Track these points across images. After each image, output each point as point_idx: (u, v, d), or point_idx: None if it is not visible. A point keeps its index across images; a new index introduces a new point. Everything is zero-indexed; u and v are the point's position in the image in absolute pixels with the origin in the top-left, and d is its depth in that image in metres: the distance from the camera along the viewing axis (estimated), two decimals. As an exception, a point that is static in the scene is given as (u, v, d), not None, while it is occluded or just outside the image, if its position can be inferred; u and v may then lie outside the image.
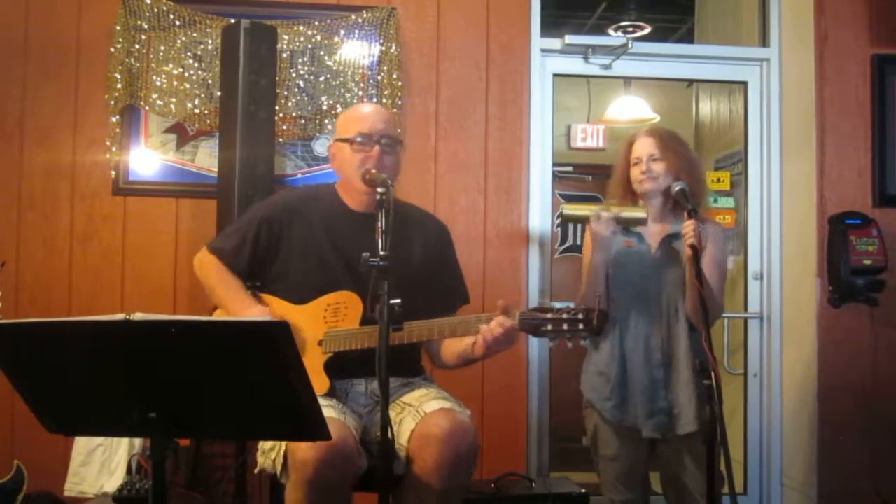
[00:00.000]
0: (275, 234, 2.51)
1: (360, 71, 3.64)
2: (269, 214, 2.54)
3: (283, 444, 2.20)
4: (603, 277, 2.75)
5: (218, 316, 2.55)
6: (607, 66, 3.93)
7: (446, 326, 2.30)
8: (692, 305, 2.68)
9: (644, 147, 2.83)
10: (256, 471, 2.36)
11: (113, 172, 3.53)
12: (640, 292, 2.80)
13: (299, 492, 2.12)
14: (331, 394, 2.36)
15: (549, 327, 2.23)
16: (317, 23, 3.60)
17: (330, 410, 2.19)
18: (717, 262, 2.76)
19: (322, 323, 2.40)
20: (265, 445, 2.31)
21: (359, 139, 2.43)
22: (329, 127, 3.59)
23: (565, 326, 2.22)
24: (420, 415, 2.24)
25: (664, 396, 2.76)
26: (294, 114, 3.57)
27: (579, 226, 4.39)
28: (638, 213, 2.75)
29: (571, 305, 2.32)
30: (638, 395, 2.77)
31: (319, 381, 2.33)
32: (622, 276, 2.80)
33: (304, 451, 2.08)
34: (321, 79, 3.61)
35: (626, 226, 2.77)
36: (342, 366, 2.39)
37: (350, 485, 2.20)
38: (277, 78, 3.42)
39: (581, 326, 2.21)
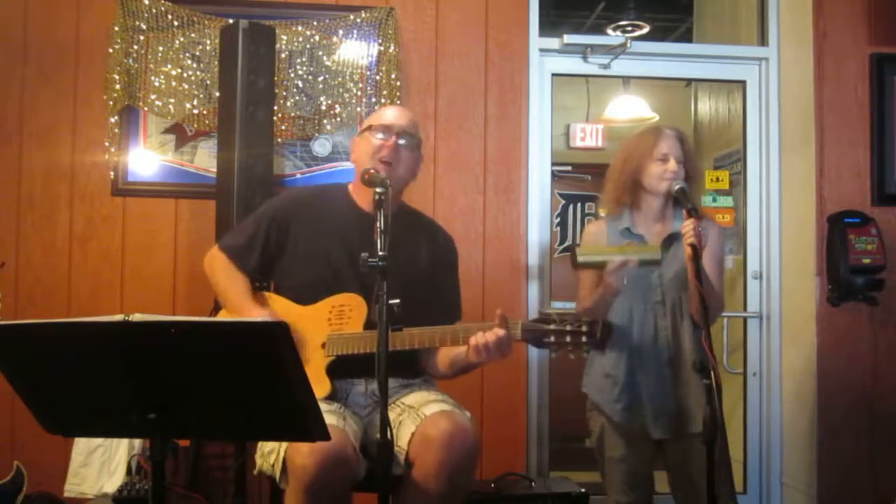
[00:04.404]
0: (283, 230, 2.50)
1: (359, 71, 3.64)
2: (279, 211, 2.54)
3: (283, 448, 2.19)
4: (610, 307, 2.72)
5: (221, 317, 2.54)
6: (606, 66, 3.93)
7: (448, 334, 2.27)
8: (696, 304, 2.68)
9: (674, 147, 2.81)
10: (255, 472, 2.36)
11: (112, 173, 3.53)
12: (645, 293, 2.79)
13: (297, 498, 2.12)
14: (331, 396, 2.36)
15: (552, 339, 2.18)
16: (315, 23, 3.60)
17: (330, 416, 2.17)
18: (716, 258, 2.77)
19: (326, 325, 2.40)
20: (265, 448, 2.30)
21: (378, 130, 2.45)
22: (328, 127, 3.60)
23: (568, 339, 2.17)
24: (420, 417, 2.24)
25: (674, 396, 2.75)
26: (293, 114, 3.57)
27: (578, 226, 4.41)
28: (654, 255, 2.67)
29: (572, 306, 2.28)
30: (647, 396, 2.76)
31: (321, 384, 2.32)
32: (626, 277, 2.78)
33: (303, 457, 2.08)
34: (320, 79, 3.61)
35: (641, 266, 2.67)
36: (343, 366, 2.38)
37: (348, 491, 2.20)
38: (276, 78, 3.42)
39: (584, 339, 2.16)
